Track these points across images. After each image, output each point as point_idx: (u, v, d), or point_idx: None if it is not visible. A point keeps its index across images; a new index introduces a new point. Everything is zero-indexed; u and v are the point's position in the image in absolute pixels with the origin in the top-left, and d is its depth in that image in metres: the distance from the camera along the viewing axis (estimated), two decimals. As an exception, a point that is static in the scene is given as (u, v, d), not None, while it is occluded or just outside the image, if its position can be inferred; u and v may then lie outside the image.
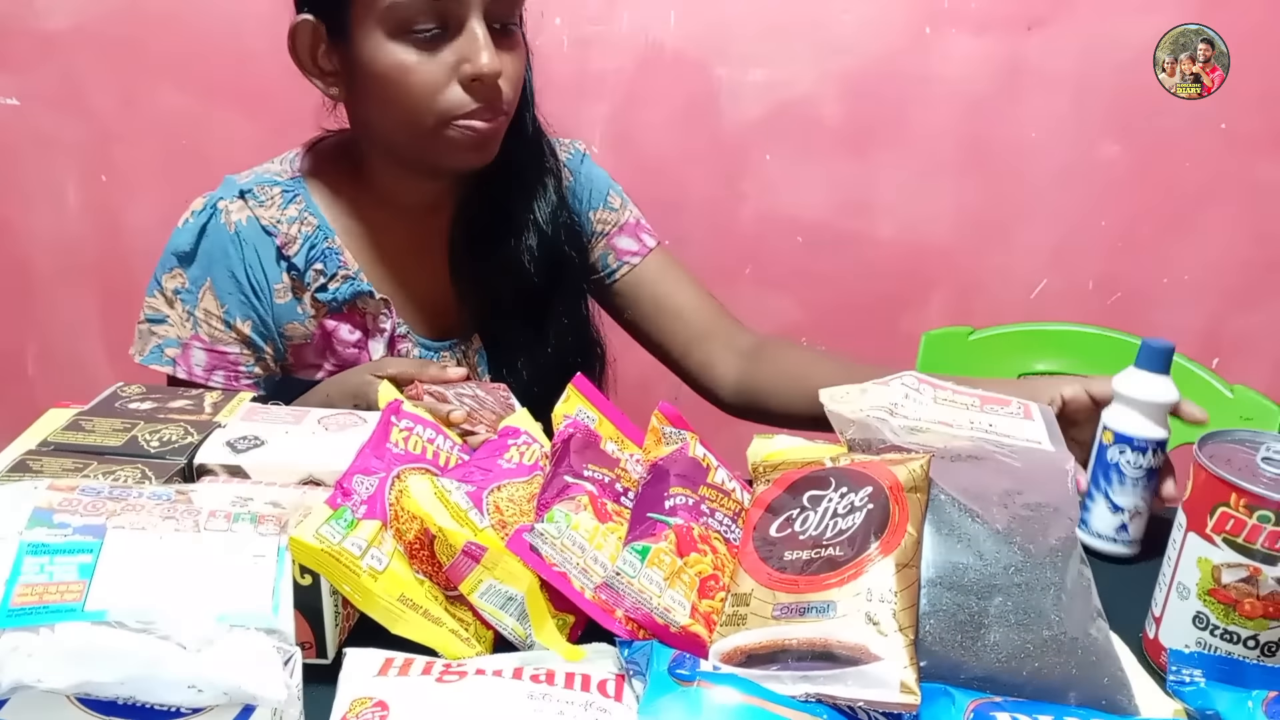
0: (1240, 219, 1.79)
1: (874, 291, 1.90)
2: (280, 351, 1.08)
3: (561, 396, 0.89)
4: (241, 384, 1.06)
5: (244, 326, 1.05)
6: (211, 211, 1.05)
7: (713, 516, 0.77)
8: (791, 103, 1.79)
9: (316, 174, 1.09)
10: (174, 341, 1.05)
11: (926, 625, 0.65)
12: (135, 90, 1.83)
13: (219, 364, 1.05)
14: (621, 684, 0.66)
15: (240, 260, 1.04)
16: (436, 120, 0.97)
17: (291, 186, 1.07)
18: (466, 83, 0.96)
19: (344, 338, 1.08)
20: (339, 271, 1.06)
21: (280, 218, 1.05)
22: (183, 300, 1.04)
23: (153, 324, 1.06)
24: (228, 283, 1.04)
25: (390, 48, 0.94)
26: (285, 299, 1.06)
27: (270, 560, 0.63)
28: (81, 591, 0.57)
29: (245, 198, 1.06)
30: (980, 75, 1.76)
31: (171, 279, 1.05)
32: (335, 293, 1.06)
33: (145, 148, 1.86)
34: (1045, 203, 1.83)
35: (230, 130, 1.82)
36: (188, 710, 0.57)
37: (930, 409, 0.83)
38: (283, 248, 1.05)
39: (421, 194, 1.10)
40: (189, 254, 1.04)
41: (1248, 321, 1.86)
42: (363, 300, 1.07)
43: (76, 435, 0.79)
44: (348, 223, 1.08)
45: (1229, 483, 0.72)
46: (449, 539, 0.71)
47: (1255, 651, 0.73)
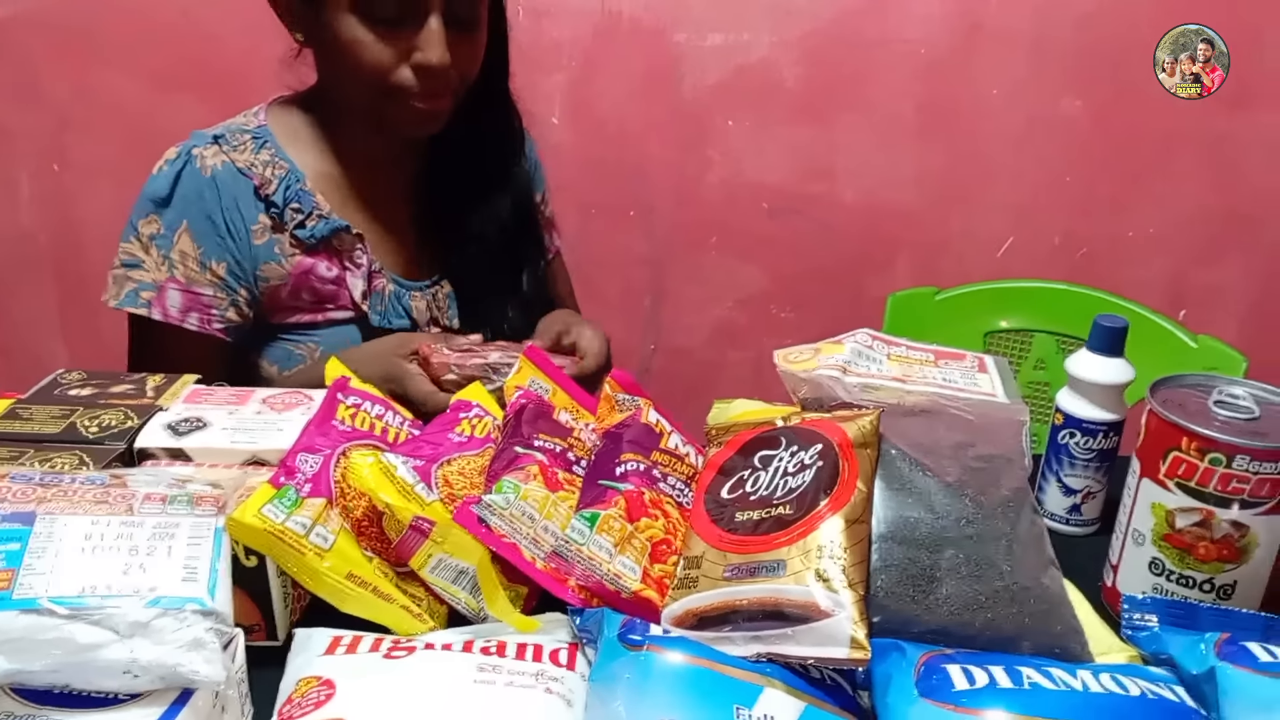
0: (1202, 171, 1.79)
1: (839, 256, 1.89)
2: (254, 295, 1.08)
3: (513, 368, 0.88)
4: (213, 328, 1.06)
5: (219, 268, 1.05)
6: (187, 158, 1.06)
7: (665, 481, 0.76)
8: (750, 67, 1.77)
9: (282, 125, 1.11)
10: (149, 285, 1.05)
11: (878, 580, 0.65)
12: (87, 77, 1.79)
13: (193, 305, 1.05)
14: (574, 653, 0.66)
15: (217, 202, 1.05)
16: (384, 94, 1.01)
17: (260, 134, 1.09)
18: (416, 68, 0.99)
19: (321, 274, 1.09)
20: (314, 211, 1.08)
21: (254, 161, 1.07)
22: (158, 245, 1.04)
23: (128, 269, 1.05)
24: (204, 225, 1.04)
25: (350, 21, 0.97)
26: (263, 239, 1.06)
27: (207, 542, 0.61)
28: (10, 580, 0.56)
29: (219, 143, 1.07)
30: (938, 35, 1.75)
31: (148, 224, 1.05)
32: (313, 230, 1.07)
33: (99, 136, 1.83)
34: (1008, 161, 1.82)
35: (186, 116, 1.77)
36: (125, 696, 0.56)
37: (884, 365, 0.82)
38: (260, 187, 1.06)
39: (385, 147, 1.13)
40: (165, 198, 1.04)
41: (1213, 273, 1.86)
42: (338, 238, 1.08)
43: (14, 424, 0.77)
44: (316, 168, 1.10)
45: (1181, 427, 0.72)
46: (396, 514, 0.69)
47: (1211, 595, 0.73)
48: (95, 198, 1.86)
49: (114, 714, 0.55)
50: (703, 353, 1.99)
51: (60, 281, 1.93)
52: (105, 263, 1.05)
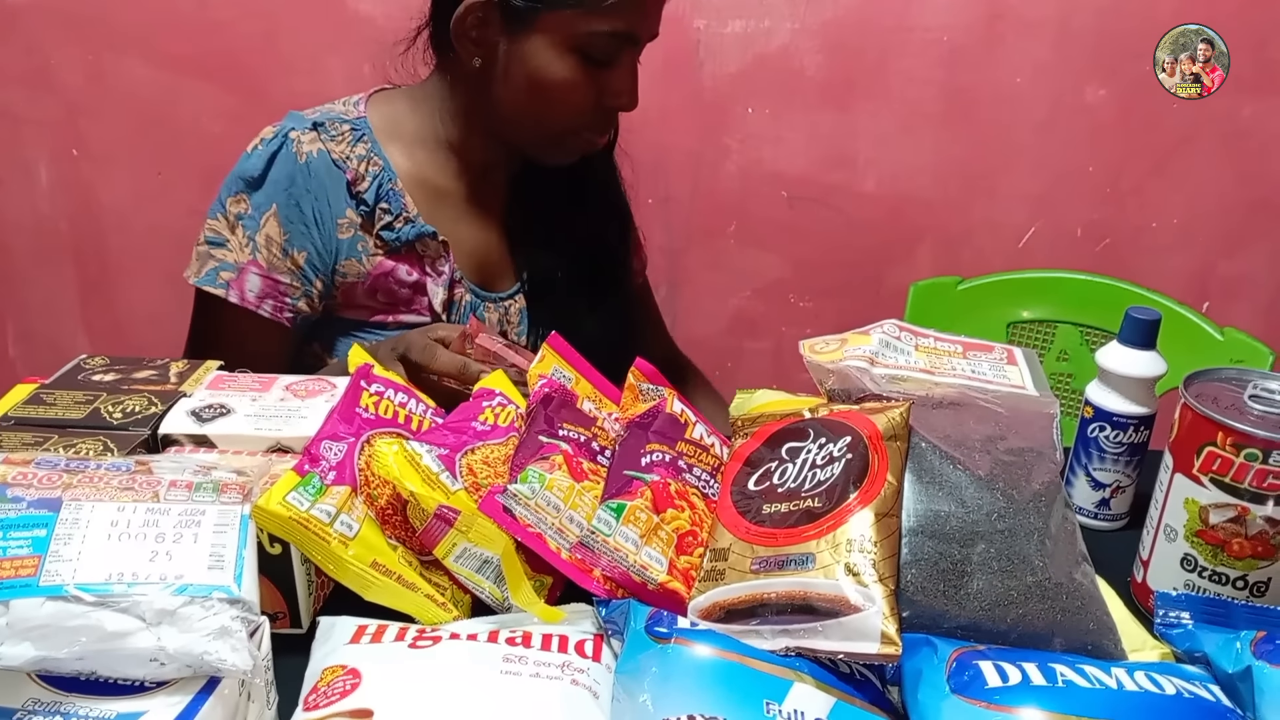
0: (1227, 162, 1.77)
1: (860, 245, 1.88)
2: (328, 289, 1.07)
3: (537, 356, 0.87)
4: (283, 316, 1.06)
5: (299, 257, 1.05)
6: (282, 140, 1.05)
7: (690, 472, 0.76)
8: (771, 55, 1.76)
9: (383, 119, 1.10)
10: (230, 265, 1.04)
11: (908, 575, 0.64)
12: (101, 63, 1.79)
13: (270, 292, 1.05)
14: (600, 644, 0.65)
15: (307, 191, 1.04)
16: (565, 129, 1.05)
17: (359, 125, 1.08)
18: (606, 107, 1.04)
19: (401, 278, 1.08)
20: (402, 213, 1.07)
21: (350, 154, 1.06)
22: (244, 226, 1.04)
23: (212, 246, 1.05)
24: (292, 211, 1.04)
25: (564, 61, 0.99)
26: (348, 234, 1.06)
27: (233, 530, 0.61)
28: (36, 566, 0.55)
29: (318, 130, 1.06)
30: (961, 22, 1.72)
31: (236, 203, 1.04)
32: (399, 233, 1.07)
33: (115, 122, 1.82)
34: (1030, 150, 1.80)
35: (200, 101, 1.78)
36: (151, 684, 0.55)
37: (912, 356, 0.81)
38: (353, 183, 1.06)
39: (491, 155, 1.13)
40: (256, 180, 1.04)
41: (1237, 265, 1.84)
42: (423, 243, 1.08)
43: (37, 409, 0.77)
44: (409, 168, 1.09)
45: (1216, 422, 0.71)
46: (421, 503, 0.69)
47: (1244, 592, 0.72)
48: (112, 185, 1.86)
49: (140, 702, 0.54)
50: (720, 341, 1.98)
51: (79, 268, 1.94)
52: (123, 248, 1.05)
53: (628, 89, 1.03)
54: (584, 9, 0.97)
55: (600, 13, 0.97)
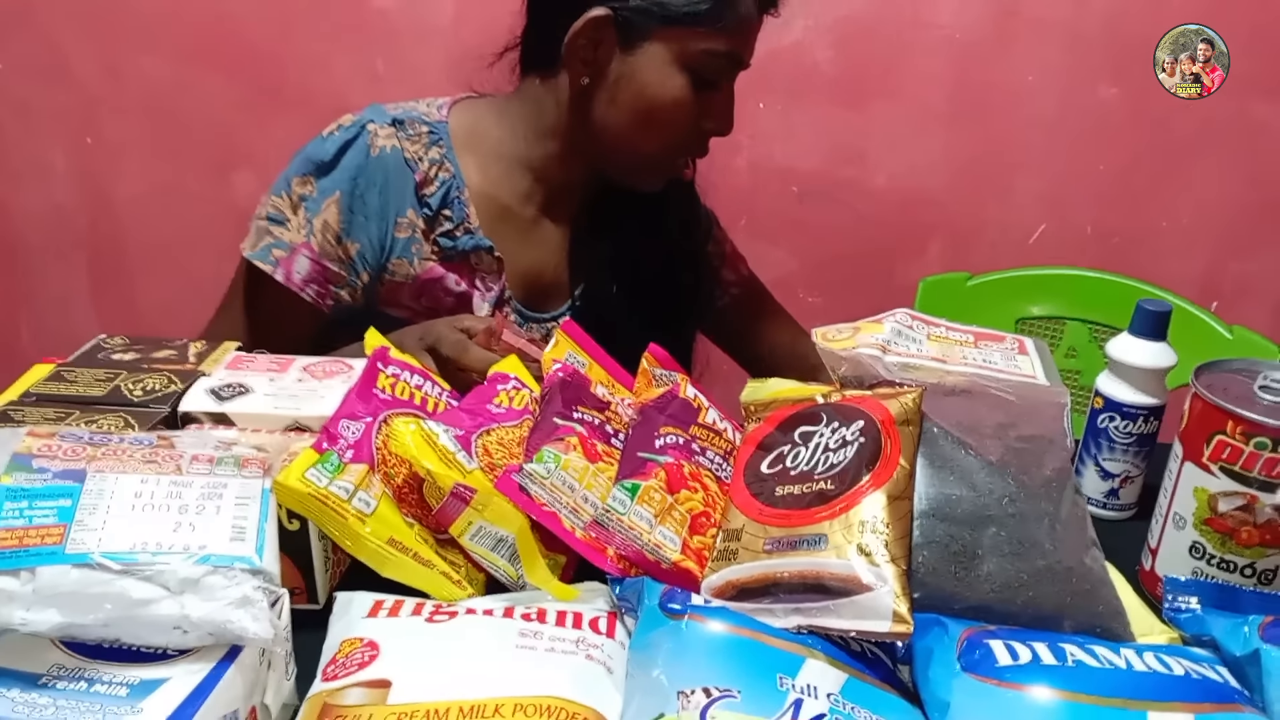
0: (1237, 162, 1.77)
1: (870, 241, 1.88)
2: (374, 283, 1.07)
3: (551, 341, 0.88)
4: (326, 303, 1.06)
5: (351, 248, 1.05)
6: (359, 130, 1.05)
7: (704, 455, 0.77)
8: (783, 50, 1.76)
9: (464, 127, 1.10)
10: (285, 244, 1.04)
11: (920, 556, 0.64)
12: (116, 55, 1.80)
13: (317, 277, 1.05)
14: (613, 621, 0.66)
15: (374, 184, 1.04)
16: (663, 150, 1.05)
17: (438, 130, 1.08)
18: (703, 131, 1.04)
19: (449, 287, 1.08)
20: (463, 223, 1.07)
21: (423, 156, 1.06)
22: (306, 207, 1.04)
23: (271, 222, 1.04)
24: (355, 202, 1.04)
25: (675, 80, 0.99)
26: (405, 234, 1.06)
27: (254, 503, 0.62)
28: (62, 535, 0.56)
29: (396, 126, 1.06)
30: (973, 20, 1.73)
31: (302, 184, 1.04)
32: (458, 241, 1.07)
33: (130, 114, 1.84)
34: (1041, 148, 1.80)
35: (214, 94, 1.79)
36: (174, 651, 0.56)
37: (924, 345, 0.82)
38: (421, 185, 1.05)
39: (571, 176, 1.12)
40: (326, 164, 1.04)
41: (1247, 264, 1.84)
42: (478, 256, 1.08)
43: (59, 386, 0.78)
44: (479, 181, 1.09)
45: (1226, 410, 0.71)
46: (438, 481, 0.70)
47: (1252, 580, 0.73)
48: (126, 176, 1.87)
49: (163, 669, 0.55)
50: (729, 337, 1.98)
51: (94, 259, 1.95)
52: (138, 241, 1.05)
53: (727, 113, 1.03)
54: (700, 26, 0.97)
55: (716, 32, 0.97)
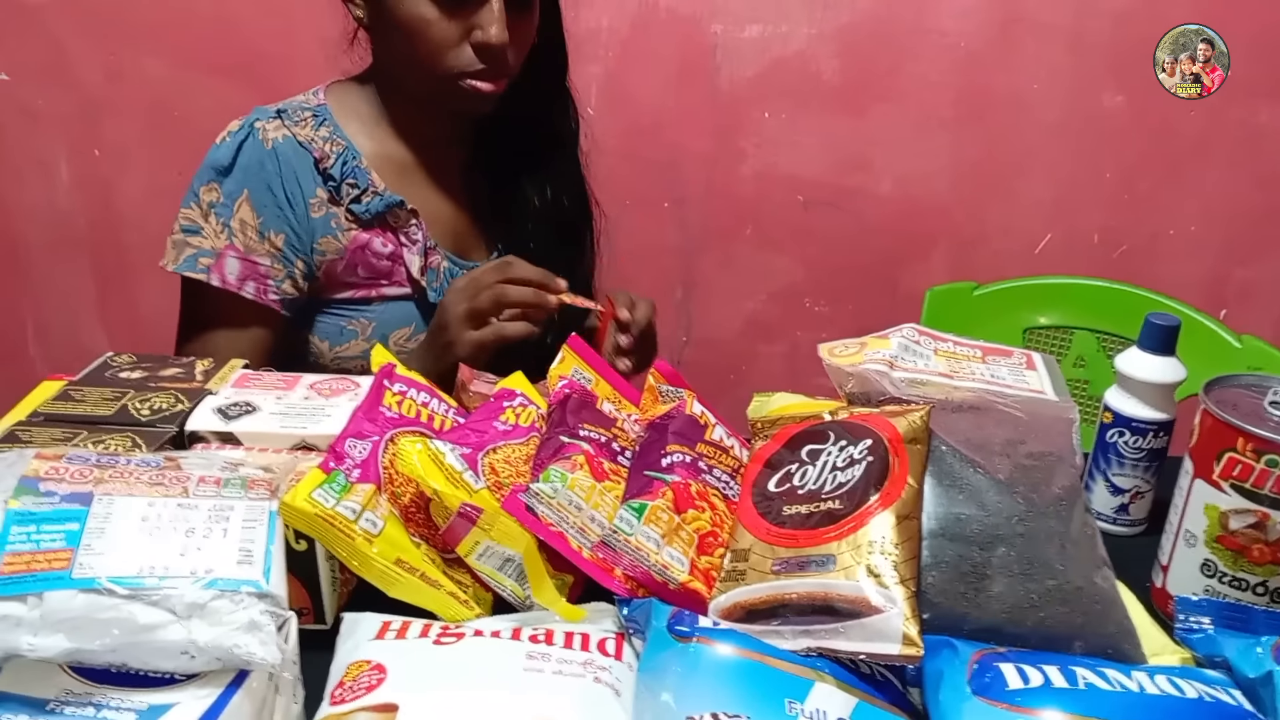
0: (1244, 168, 1.76)
1: (874, 249, 1.88)
2: (310, 269, 1.10)
3: (557, 358, 0.88)
4: (269, 299, 1.08)
5: (277, 240, 1.07)
6: (249, 130, 1.08)
7: (711, 473, 0.76)
8: (787, 59, 1.76)
9: (340, 105, 1.14)
10: (208, 251, 1.06)
11: (929, 577, 0.64)
12: (119, 60, 1.80)
13: (251, 274, 1.07)
14: (621, 642, 0.65)
15: (277, 174, 1.07)
16: (444, 73, 1.04)
17: (320, 111, 1.12)
18: (476, 46, 1.03)
19: (377, 250, 1.11)
20: (369, 187, 1.10)
21: (314, 136, 1.09)
22: (217, 213, 1.06)
23: (187, 234, 1.07)
24: (264, 195, 1.07)
25: (417, 1, 1.01)
26: (321, 213, 1.09)
27: (261, 525, 0.62)
28: (69, 559, 0.56)
29: (281, 117, 1.10)
30: (977, 27, 1.73)
31: (208, 192, 1.07)
32: (368, 205, 1.09)
33: (133, 119, 1.84)
34: (1046, 156, 1.80)
35: (217, 98, 1.79)
36: (181, 676, 0.56)
37: (931, 361, 0.82)
38: (320, 161, 1.09)
39: (439, 128, 1.16)
40: (226, 168, 1.06)
41: (1255, 271, 1.83)
42: (393, 214, 1.11)
43: (66, 405, 0.78)
44: (371, 148, 1.13)
45: (1236, 427, 0.71)
46: (444, 501, 0.70)
47: (1264, 598, 0.72)
48: (130, 181, 1.87)
49: (171, 694, 0.55)
50: (734, 345, 1.98)
51: (98, 264, 1.95)
52: (142, 244, 1.06)
53: (489, 22, 1.02)
54: None
55: None
